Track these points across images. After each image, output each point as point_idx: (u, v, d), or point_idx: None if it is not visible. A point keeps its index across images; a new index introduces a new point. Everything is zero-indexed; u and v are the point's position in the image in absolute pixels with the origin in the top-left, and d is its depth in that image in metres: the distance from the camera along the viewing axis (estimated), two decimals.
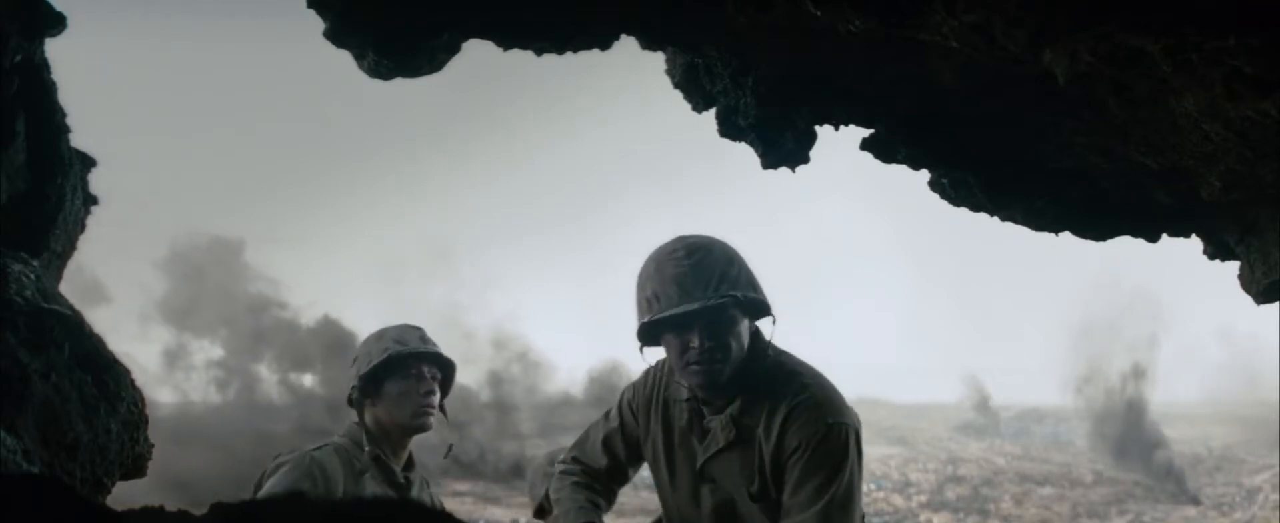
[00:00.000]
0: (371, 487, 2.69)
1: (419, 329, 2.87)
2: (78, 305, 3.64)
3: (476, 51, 4.97)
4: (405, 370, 2.78)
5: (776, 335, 2.21)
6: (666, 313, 2.09)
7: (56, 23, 4.09)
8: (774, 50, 4.65)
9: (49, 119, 4.26)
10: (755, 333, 2.23)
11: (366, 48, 4.69)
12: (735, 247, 2.19)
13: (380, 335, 2.85)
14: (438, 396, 2.86)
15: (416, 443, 2.93)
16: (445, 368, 2.90)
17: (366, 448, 2.75)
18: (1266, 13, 2.79)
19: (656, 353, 2.32)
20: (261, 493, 2.54)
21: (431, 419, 2.82)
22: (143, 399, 3.68)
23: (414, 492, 2.86)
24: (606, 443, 2.57)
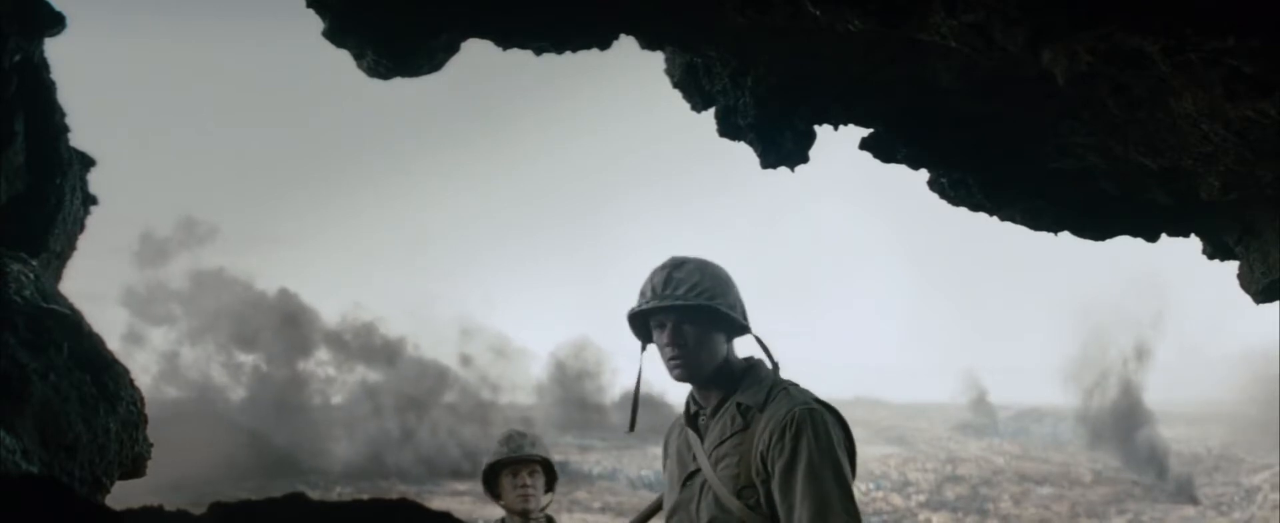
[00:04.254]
0: None
1: (526, 435, 3.68)
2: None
3: (476, 51, 4.97)
4: (512, 468, 3.59)
5: (771, 344, 2.41)
6: (637, 309, 2.37)
7: (55, 22, 4.09)
8: (773, 50, 4.66)
9: (48, 119, 4.26)
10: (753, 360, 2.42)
11: (365, 47, 4.69)
12: (728, 270, 2.44)
13: (502, 437, 3.68)
14: (534, 487, 3.61)
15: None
16: (543, 462, 3.70)
17: (503, 519, 3.65)
18: (1265, 14, 2.79)
19: (652, 352, 2.47)
20: None
21: (532, 505, 3.60)
22: (142, 399, 3.68)
23: None
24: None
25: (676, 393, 2.57)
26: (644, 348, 2.47)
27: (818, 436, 2.16)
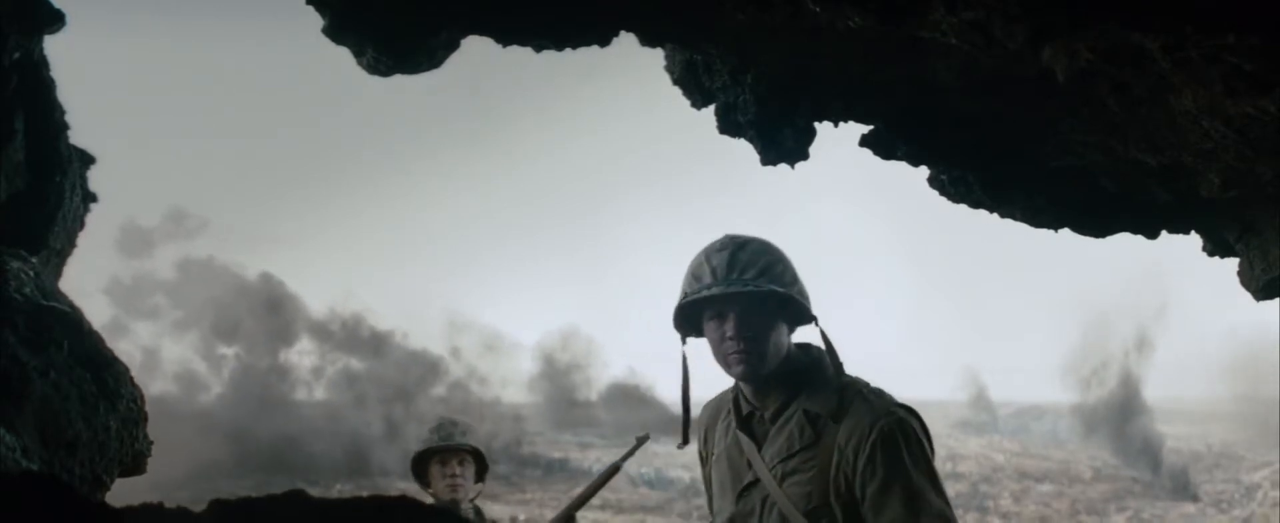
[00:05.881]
0: None
1: (458, 423, 3.62)
2: None
3: (476, 50, 4.97)
4: (441, 457, 3.55)
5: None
6: (696, 296, 2.05)
7: (55, 20, 4.08)
8: (773, 49, 4.65)
9: (48, 117, 4.26)
10: (814, 347, 2.16)
11: (365, 45, 4.69)
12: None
13: (433, 425, 3.63)
14: (464, 476, 3.54)
15: None
16: (473, 452, 3.62)
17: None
18: (1265, 11, 2.79)
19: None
20: None
21: (460, 494, 3.52)
22: (142, 397, 3.68)
23: None
24: (711, 494, 2.30)
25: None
26: (684, 341, 2.17)
27: (912, 452, 1.93)
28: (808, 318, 2.10)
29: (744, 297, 2.01)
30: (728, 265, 2.04)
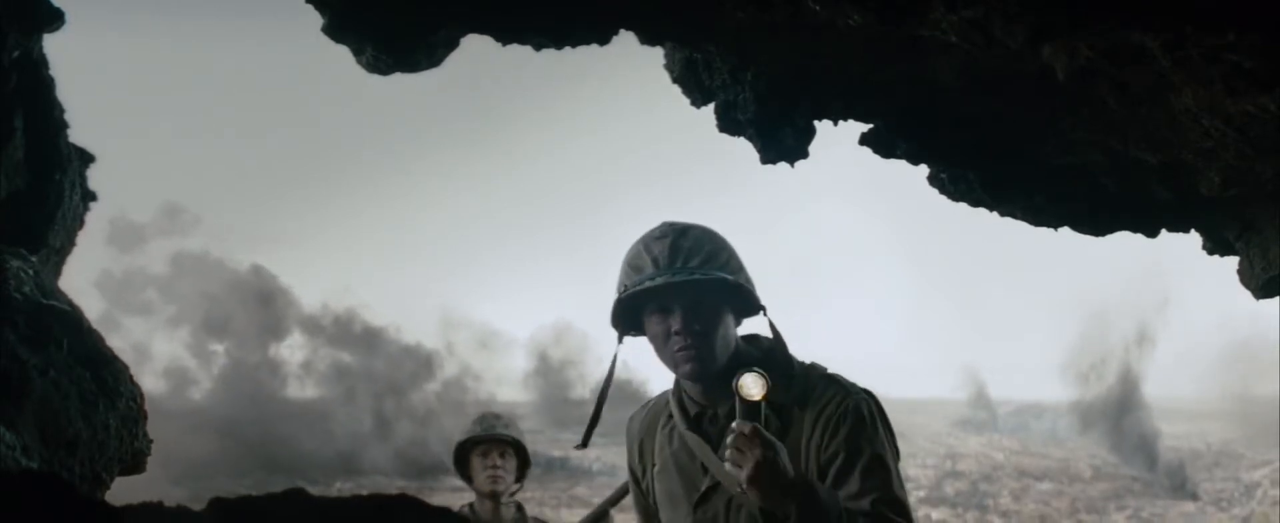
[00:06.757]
0: None
1: (500, 417, 3.63)
2: None
3: (476, 49, 4.98)
4: (483, 448, 3.53)
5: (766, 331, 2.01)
6: (638, 288, 1.88)
7: (54, 18, 4.08)
8: (773, 46, 4.65)
9: (47, 115, 4.25)
10: (762, 336, 2.04)
11: (365, 44, 4.69)
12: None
13: (476, 417, 3.63)
14: (505, 468, 3.52)
15: None
16: (515, 445, 3.60)
17: (472, 505, 3.54)
18: (1265, 10, 2.79)
19: (633, 344, 2.04)
20: None
21: (500, 487, 3.49)
22: (141, 395, 3.68)
23: None
24: (646, 515, 2.19)
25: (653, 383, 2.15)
26: (621, 339, 2.01)
27: (879, 430, 1.85)
28: (755, 308, 1.97)
29: (690, 287, 1.85)
30: (670, 254, 1.89)
